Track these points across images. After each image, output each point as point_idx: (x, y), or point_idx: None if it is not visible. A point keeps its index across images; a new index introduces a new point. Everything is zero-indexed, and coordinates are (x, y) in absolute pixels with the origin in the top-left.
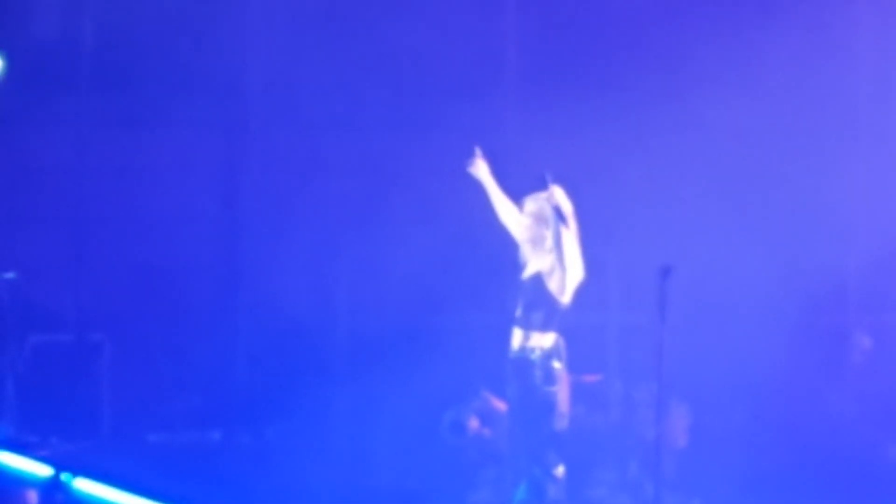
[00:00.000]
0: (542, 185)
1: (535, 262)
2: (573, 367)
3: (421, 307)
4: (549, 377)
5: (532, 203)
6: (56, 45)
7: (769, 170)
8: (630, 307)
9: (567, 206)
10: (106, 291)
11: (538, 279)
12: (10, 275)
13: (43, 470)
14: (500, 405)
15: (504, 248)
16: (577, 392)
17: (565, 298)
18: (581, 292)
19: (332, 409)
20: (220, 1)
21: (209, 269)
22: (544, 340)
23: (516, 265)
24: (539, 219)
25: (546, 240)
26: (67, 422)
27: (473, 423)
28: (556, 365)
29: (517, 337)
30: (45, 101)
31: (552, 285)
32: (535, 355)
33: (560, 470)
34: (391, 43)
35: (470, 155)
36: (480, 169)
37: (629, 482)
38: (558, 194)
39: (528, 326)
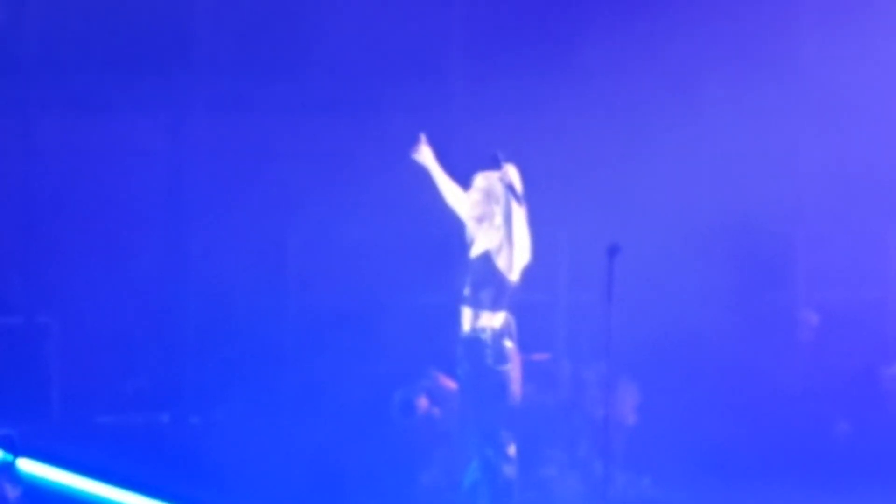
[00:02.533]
0: (491, 164)
1: (482, 240)
2: (522, 346)
3: (370, 288)
4: (501, 356)
5: (482, 180)
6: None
7: (717, 147)
8: (578, 286)
9: (519, 185)
10: (54, 274)
11: (486, 257)
12: None
13: None
14: (450, 384)
15: (452, 228)
16: (526, 371)
17: (514, 276)
18: (529, 272)
19: (281, 390)
20: None
21: (157, 250)
22: (494, 319)
23: (464, 245)
24: (489, 195)
25: (495, 216)
26: (16, 404)
27: (423, 403)
28: (508, 344)
29: (467, 316)
30: None
31: (500, 263)
32: (486, 335)
33: (512, 449)
34: (336, 22)
35: (417, 134)
36: (425, 155)
37: (579, 461)
38: (511, 172)
39: (477, 305)
